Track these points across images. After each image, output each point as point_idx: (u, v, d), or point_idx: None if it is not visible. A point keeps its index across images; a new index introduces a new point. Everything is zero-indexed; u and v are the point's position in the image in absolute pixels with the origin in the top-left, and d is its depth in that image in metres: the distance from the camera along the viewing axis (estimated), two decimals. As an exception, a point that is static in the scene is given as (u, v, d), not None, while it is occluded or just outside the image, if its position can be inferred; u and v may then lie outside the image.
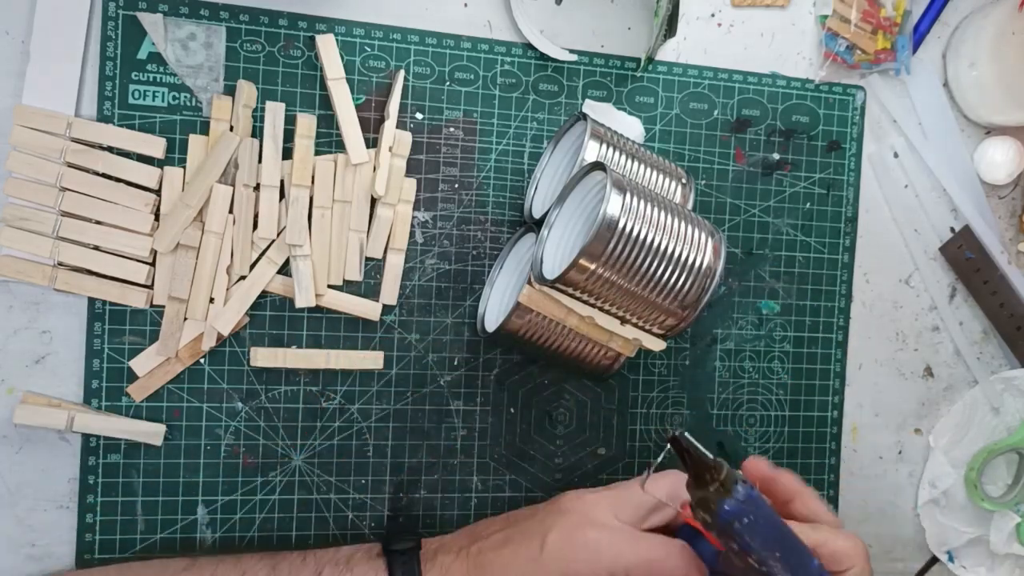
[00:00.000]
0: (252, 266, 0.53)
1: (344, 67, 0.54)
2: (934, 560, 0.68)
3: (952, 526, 0.67)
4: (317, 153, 0.54)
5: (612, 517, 0.48)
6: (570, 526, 0.48)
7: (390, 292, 0.56)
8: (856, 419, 0.66)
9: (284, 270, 0.54)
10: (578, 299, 0.49)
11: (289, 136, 0.53)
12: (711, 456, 0.38)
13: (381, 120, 0.55)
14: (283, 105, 0.53)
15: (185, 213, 0.51)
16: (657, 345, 0.51)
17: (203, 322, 0.52)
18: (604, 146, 0.52)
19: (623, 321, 0.50)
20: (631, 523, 0.48)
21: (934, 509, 0.67)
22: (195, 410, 0.53)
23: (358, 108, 0.55)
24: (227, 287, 0.52)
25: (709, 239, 0.49)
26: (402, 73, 0.55)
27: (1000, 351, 0.69)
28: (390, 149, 0.54)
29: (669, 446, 0.38)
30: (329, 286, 0.54)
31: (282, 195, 0.53)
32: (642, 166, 0.53)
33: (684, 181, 0.54)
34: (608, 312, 0.49)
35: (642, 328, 0.50)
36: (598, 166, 0.49)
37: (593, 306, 0.49)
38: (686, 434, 0.38)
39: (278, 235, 0.53)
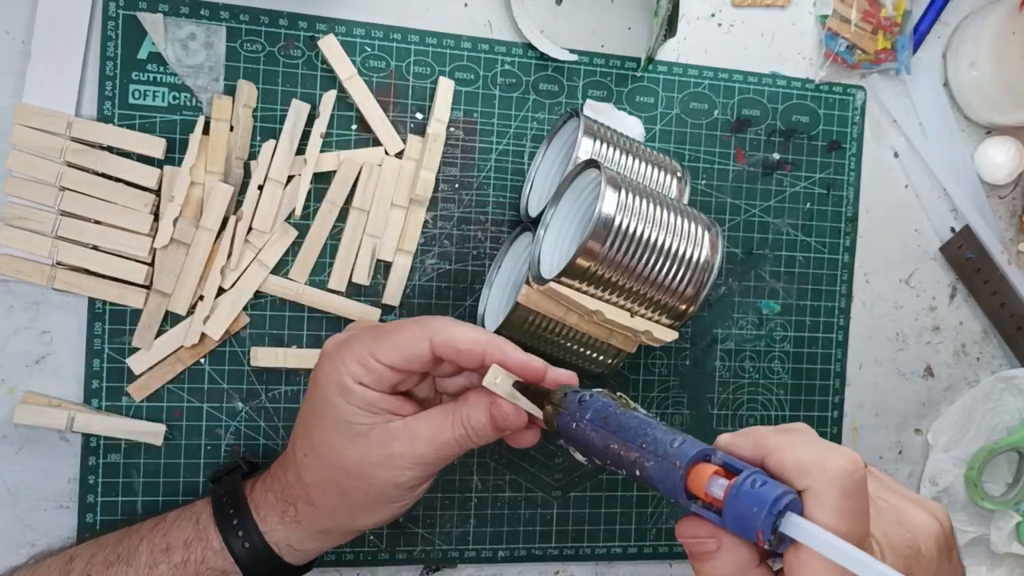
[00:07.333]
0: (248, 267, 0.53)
1: (344, 67, 0.54)
2: (934, 560, 0.68)
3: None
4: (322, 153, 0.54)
5: (355, 385, 0.43)
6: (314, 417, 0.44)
7: (394, 293, 0.56)
8: (856, 419, 0.66)
9: (280, 270, 0.54)
10: (584, 292, 0.48)
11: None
12: (542, 387, 0.43)
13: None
14: (308, 106, 0.54)
15: (168, 206, 0.51)
16: (669, 335, 0.50)
17: (198, 322, 0.52)
18: (598, 142, 0.52)
19: (632, 314, 0.49)
20: (377, 387, 0.43)
21: (934, 509, 0.67)
22: (195, 410, 0.53)
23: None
24: (219, 285, 0.52)
25: (706, 233, 0.49)
26: (449, 83, 0.56)
27: (1000, 351, 0.69)
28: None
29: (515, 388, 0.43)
30: (330, 290, 0.55)
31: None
32: (636, 161, 0.52)
33: (679, 175, 0.53)
34: (616, 304, 0.49)
35: (649, 320, 0.50)
36: (592, 164, 0.49)
37: (599, 299, 0.48)
38: (517, 379, 0.43)
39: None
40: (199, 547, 0.45)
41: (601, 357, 0.53)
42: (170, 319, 0.52)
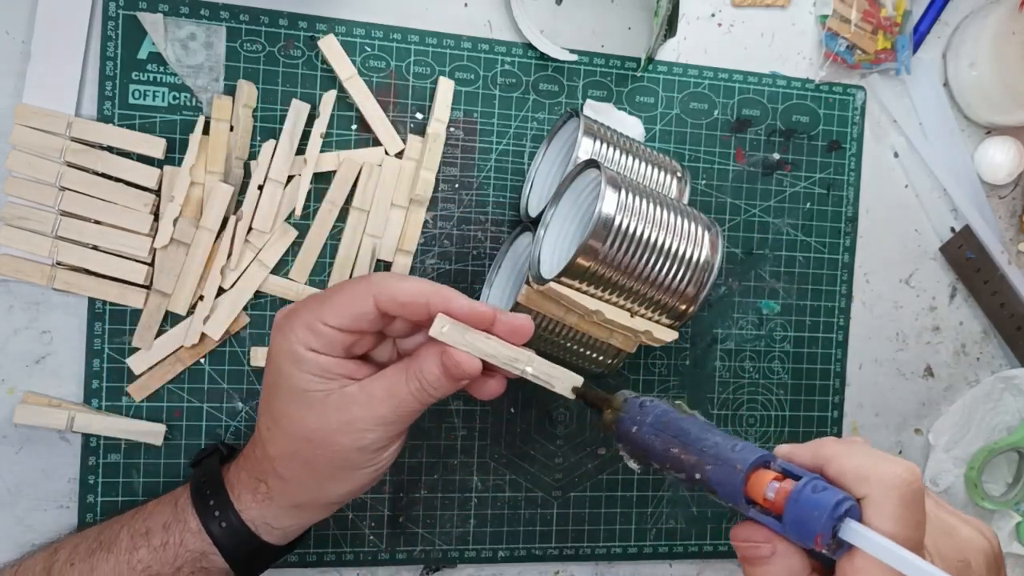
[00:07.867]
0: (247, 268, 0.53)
1: (344, 67, 0.54)
2: (934, 560, 0.68)
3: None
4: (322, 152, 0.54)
5: (307, 351, 0.42)
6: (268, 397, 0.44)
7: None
8: (856, 419, 0.66)
9: (280, 271, 0.54)
10: (584, 292, 0.48)
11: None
12: (603, 392, 0.43)
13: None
14: (308, 106, 0.53)
15: (168, 206, 0.51)
16: (669, 335, 0.50)
17: (198, 322, 0.52)
18: (598, 142, 0.52)
19: (632, 313, 0.49)
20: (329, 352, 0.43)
21: (934, 509, 0.67)
22: (195, 410, 0.53)
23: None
24: (219, 285, 0.52)
25: (706, 233, 0.49)
26: (449, 83, 0.56)
27: (1000, 351, 0.69)
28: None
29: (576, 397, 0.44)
30: (329, 287, 0.55)
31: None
32: (636, 161, 0.52)
33: (679, 175, 0.53)
34: (616, 304, 0.49)
35: (649, 320, 0.50)
36: (592, 164, 0.49)
37: (599, 299, 0.48)
38: (577, 385, 0.43)
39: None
40: (178, 529, 0.46)
41: (601, 357, 0.53)
42: (170, 319, 0.52)
